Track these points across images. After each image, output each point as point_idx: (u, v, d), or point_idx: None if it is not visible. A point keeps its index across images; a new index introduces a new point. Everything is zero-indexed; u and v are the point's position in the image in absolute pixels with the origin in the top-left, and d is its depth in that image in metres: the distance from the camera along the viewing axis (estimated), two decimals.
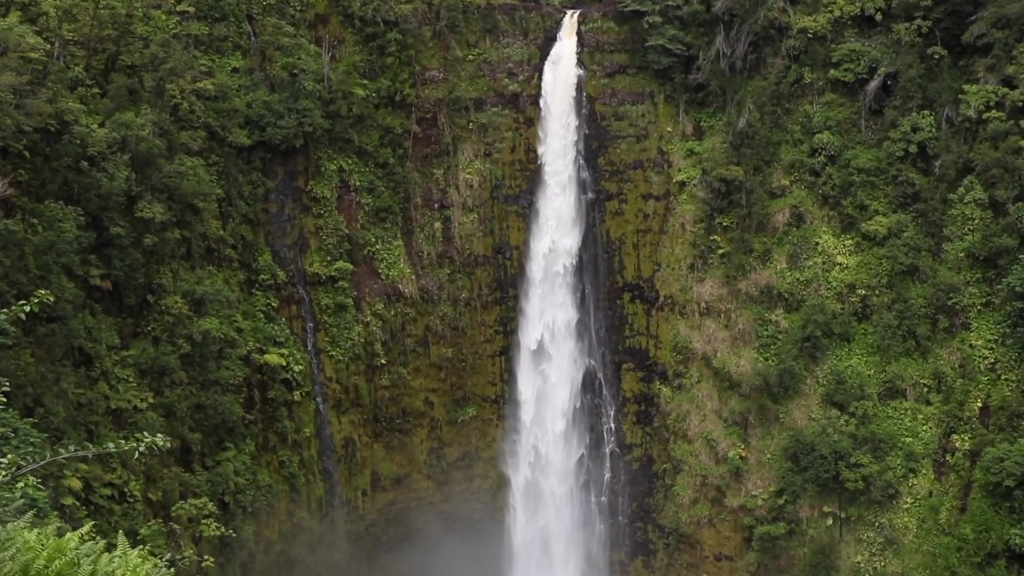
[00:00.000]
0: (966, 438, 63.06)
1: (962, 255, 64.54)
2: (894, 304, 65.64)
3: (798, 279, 68.58)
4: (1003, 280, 61.73)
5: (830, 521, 66.63)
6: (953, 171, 64.61)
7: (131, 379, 54.51)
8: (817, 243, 68.52)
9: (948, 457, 63.88)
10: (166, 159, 57.00)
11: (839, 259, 67.94)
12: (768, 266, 69.65)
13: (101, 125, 54.36)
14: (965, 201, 64.14)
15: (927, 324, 65.44)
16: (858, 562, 65.71)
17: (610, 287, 75.09)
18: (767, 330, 69.65)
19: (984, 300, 63.89)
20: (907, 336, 65.66)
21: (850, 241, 68.00)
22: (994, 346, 62.97)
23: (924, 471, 64.74)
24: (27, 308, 15.17)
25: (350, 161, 68.91)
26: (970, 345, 63.81)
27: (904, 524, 64.83)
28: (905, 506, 64.90)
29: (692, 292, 71.75)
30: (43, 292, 15.79)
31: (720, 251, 70.58)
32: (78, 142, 51.51)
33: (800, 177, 69.59)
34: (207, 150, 61.36)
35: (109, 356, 53.62)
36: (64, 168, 51.65)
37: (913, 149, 65.27)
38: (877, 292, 66.85)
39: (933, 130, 64.93)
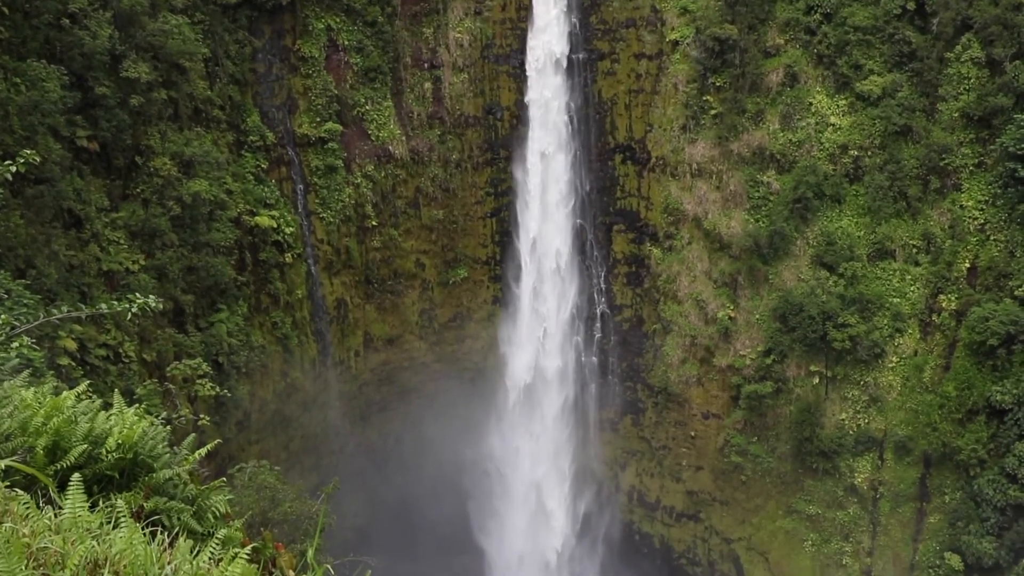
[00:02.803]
0: (953, 298, 63.65)
1: (956, 115, 64.08)
2: (886, 165, 65.43)
3: (790, 140, 68.16)
4: (997, 140, 61.48)
5: (816, 380, 67.66)
6: (951, 29, 63.61)
7: (122, 241, 54.42)
8: (811, 103, 67.87)
9: (934, 317, 64.58)
10: (150, 17, 55.77)
11: (832, 120, 67.41)
12: (761, 127, 69.13)
13: None
14: (962, 60, 63.37)
15: (918, 185, 65.36)
16: (842, 419, 67.00)
17: (601, 148, 74.58)
18: (758, 191, 69.53)
19: (976, 161, 63.70)
20: (898, 197, 65.63)
21: (844, 101, 67.36)
22: (984, 207, 63.05)
23: (910, 331, 65.50)
24: (13, 168, 14.98)
25: (338, 19, 67.54)
26: (960, 206, 63.88)
27: (888, 382, 65.88)
28: (890, 365, 65.84)
29: (684, 153, 71.34)
30: (29, 152, 15.58)
31: (712, 112, 69.92)
32: None
33: (795, 36, 68.54)
34: (191, 8, 59.99)
35: (99, 218, 53.40)
36: (45, 26, 50.52)
37: (911, 6, 64.14)
38: (870, 153, 66.56)
39: None
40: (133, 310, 16.06)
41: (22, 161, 15.19)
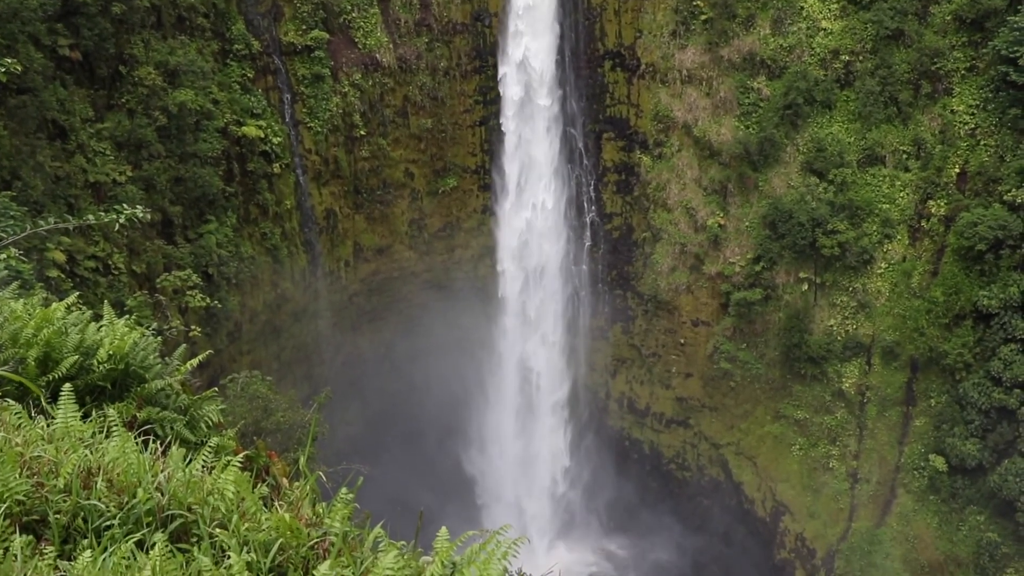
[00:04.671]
0: (942, 204, 63.72)
1: (949, 18, 63.48)
2: (877, 70, 64.95)
3: (781, 45, 67.51)
4: (989, 43, 60.98)
5: (805, 287, 67.97)
6: None
7: (108, 152, 54.00)
8: (802, 7, 67.07)
9: (923, 223, 64.71)
10: None
11: (824, 24, 66.70)
12: (751, 32, 68.37)
13: None
14: None
15: (909, 90, 64.98)
16: (831, 325, 67.48)
17: (590, 55, 73.74)
18: (749, 98, 69.08)
19: (968, 64, 63.26)
20: (889, 102, 65.29)
21: (835, 5, 66.58)
22: (975, 111, 62.78)
23: (899, 237, 65.66)
24: None
25: None
26: (951, 111, 63.62)
27: (877, 288, 66.23)
28: (879, 271, 66.13)
29: (674, 59, 70.64)
30: (10, 61, 15.41)
31: (703, 17, 69.09)
32: None
33: None
34: None
35: (84, 129, 52.92)
36: None
37: None
38: (861, 58, 66.00)
39: None
40: (121, 221, 16.05)
41: (3, 70, 15.04)
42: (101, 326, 10.69)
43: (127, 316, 11.65)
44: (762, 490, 72.47)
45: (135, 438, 8.37)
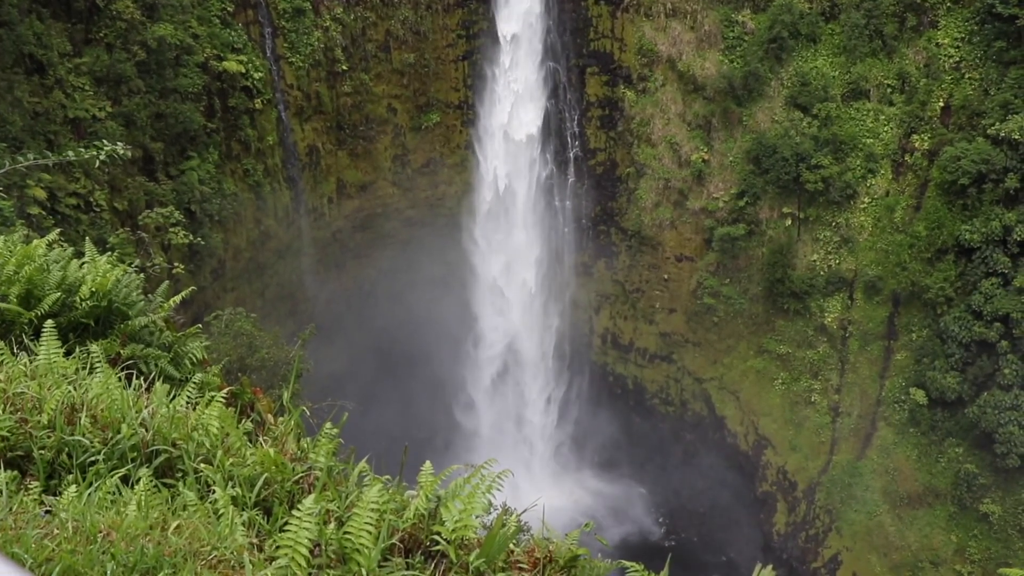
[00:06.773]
0: (926, 138, 63.66)
1: None
2: (863, 3, 64.49)
3: None
4: None
5: (789, 222, 68.04)
6: None
7: (87, 87, 53.40)
8: None
9: (907, 157, 64.67)
10: None
11: None
12: None
13: None
14: None
15: (895, 23, 64.59)
16: (814, 260, 67.67)
17: None
18: (733, 31, 68.58)
19: None
20: (874, 36, 64.92)
21: None
22: (960, 44, 62.49)
23: (883, 171, 65.65)
24: None
25: None
26: (936, 44, 63.31)
27: (860, 223, 66.35)
28: (862, 206, 66.20)
29: None
30: None
31: None
32: None
33: None
34: None
35: (62, 64, 52.29)
36: None
37: None
38: None
39: None
40: (101, 157, 15.92)
41: None
42: (83, 263, 10.65)
43: (109, 253, 11.60)
44: (745, 424, 73.13)
45: (119, 375, 8.38)
